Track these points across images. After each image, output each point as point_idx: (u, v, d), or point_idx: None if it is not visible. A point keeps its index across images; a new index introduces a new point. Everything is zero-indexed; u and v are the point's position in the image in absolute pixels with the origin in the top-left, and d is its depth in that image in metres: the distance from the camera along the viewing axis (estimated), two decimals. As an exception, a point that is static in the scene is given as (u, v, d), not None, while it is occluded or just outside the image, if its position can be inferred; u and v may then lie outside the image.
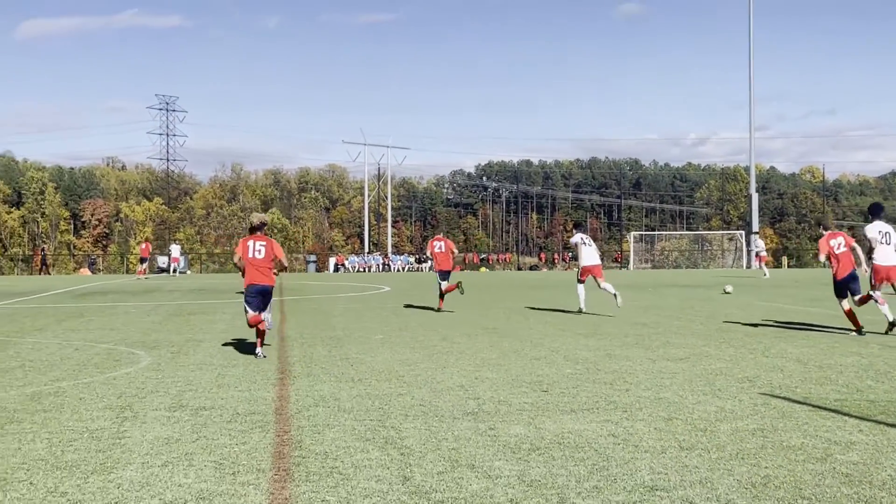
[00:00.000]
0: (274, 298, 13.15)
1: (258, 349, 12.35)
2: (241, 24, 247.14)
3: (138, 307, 22.79)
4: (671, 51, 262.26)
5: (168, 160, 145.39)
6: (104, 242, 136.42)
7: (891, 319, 14.45)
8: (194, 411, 8.15)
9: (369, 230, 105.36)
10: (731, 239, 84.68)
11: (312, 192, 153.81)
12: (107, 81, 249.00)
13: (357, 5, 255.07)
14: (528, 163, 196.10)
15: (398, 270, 74.42)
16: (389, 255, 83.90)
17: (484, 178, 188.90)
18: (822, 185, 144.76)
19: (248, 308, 12.61)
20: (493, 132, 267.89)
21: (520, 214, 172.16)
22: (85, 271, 74.21)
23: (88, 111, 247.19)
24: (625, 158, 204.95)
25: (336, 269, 73.75)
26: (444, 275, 21.34)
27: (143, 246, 53.48)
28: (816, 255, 16.66)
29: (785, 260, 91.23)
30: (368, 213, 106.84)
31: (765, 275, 45.50)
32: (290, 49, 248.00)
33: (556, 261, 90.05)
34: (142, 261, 51.24)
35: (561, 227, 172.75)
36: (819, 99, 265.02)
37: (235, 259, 13.01)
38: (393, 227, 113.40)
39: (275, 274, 13.00)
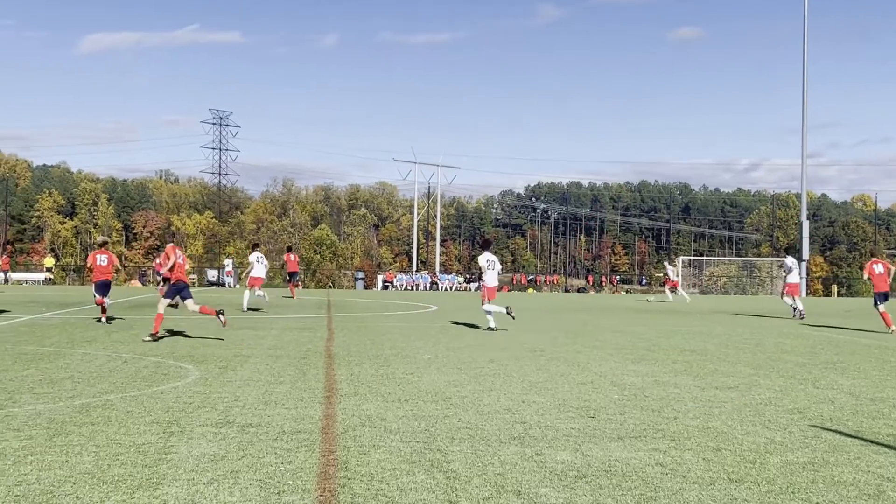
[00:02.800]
0: (317, 315, 13.28)
1: (102, 319, 20.41)
2: (298, 42, 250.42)
3: (187, 320, 22.94)
4: (725, 75, 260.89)
5: (220, 174, 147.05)
6: (155, 254, 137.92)
7: None
8: (241, 428, 8.15)
9: (418, 248, 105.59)
10: (780, 266, 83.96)
11: (362, 210, 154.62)
12: (163, 95, 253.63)
13: (415, 26, 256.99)
14: (578, 185, 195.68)
15: (446, 289, 74.41)
16: (437, 273, 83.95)
17: (533, 199, 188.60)
18: (874, 214, 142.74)
19: (97, 294, 21.34)
20: (543, 153, 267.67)
21: (568, 236, 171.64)
22: (135, 283, 75.06)
23: (144, 124, 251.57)
24: (675, 182, 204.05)
25: (384, 287, 73.94)
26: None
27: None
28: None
29: (835, 288, 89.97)
30: (417, 231, 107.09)
31: (668, 299, 45.27)
32: (345, 67, 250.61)
33: (603, 283, 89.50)
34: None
35: (609, 249, 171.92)
36: (873, 127, 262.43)
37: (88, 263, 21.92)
38: (441, 245, 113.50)
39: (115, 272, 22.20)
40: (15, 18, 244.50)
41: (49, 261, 79.00)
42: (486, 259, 21.38)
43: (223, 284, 66.78)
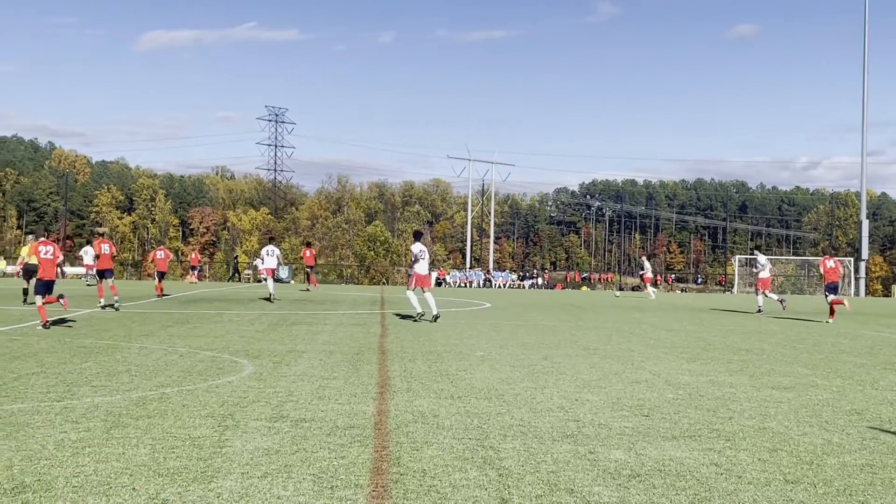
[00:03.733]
0: (371, 311, 13.36)
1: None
2: (355, 39, 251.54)
3: (242, 315, 23.16)
4: (784, 72, 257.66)
5: (275, 171, 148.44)
6: (211, 250, 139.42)
7: None
8: (294, 423, 8.20)
9: (471, 245, 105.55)
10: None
11: (416, 206, 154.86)
12: (220, 92, 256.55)
13: (472, 22, 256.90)
14: (633, 182, 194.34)
15: (499, 287, 74.33)
16: (491, 270, 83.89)
17: (588, 197, 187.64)
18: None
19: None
20: (598, 151, 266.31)
21: (622, 234, 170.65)
22: (191, 277, 75.80)
23: (200, 121, 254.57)
24: (731, 180, 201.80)
25: (438, 284, 74.04)
26: None
27: (194, 255, 54.53)
28: None
29: (895, 288, 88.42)
30: (471, 228, 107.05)
31: (651, 296, 45.44)
32: (401, 64, 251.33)
33: (658, 282, 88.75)
34: (192, 269, 52.19)
35: (664, 248, 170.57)
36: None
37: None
38: (495, 243, 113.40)
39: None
40: (76, 16, 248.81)
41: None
42: (418, 248, 22.97)
43: (280, 280, 67.25)
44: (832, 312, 26.50)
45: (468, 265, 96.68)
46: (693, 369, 13.25)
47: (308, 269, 42.74)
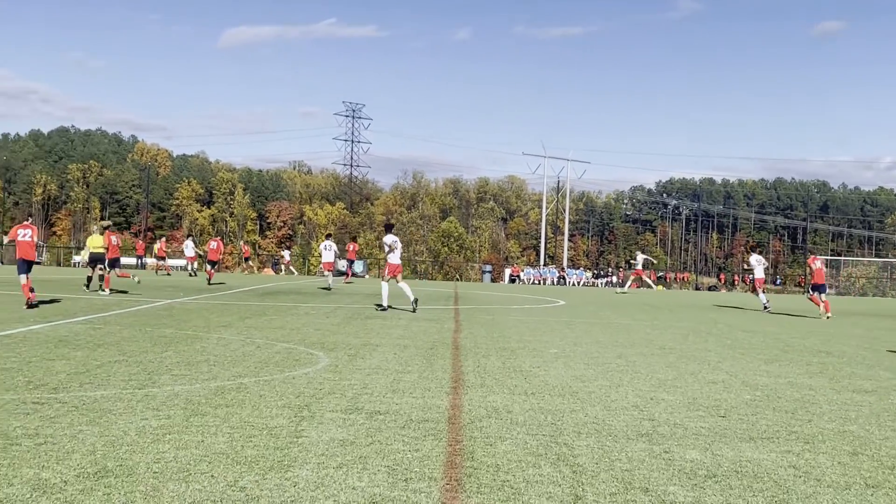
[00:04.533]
0: (445, 306, 13.41)
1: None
2: (433, 35, 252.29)
3: (317, 308, 23.39)
4: (869, 70, 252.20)
5: (352, 166, 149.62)
6: (287, 243, 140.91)
7: None
8: (369, 415, 8.26)
9: (546, 243, 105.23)
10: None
11: (490, 203, 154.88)
12: (299, 88, 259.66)
13: (550, 19, 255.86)
14: (711, 181, 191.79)
15: (573, 284, 73.99)
16: (565, 268, 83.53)
17: (664, 195, 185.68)
18: None
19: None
20: (675, 149, 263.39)
21: (699, 233, 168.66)
22: (268, 271, 76.74)
23: (280, 116, 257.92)
24: (812, 180, 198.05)
25: (511, 281, 73.98)
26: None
27: (245, 248, 54.37)
28: None
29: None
30: (546, 225, 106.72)
31: (650, 287, 48.29)
32: (478, 60, 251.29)
33: (735, 282, 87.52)
34: (245, 260, 52.19)
35: (742, 247, 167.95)
36: None
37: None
38: (570, 240, 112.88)
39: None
40: (161, 13, 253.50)
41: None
42: (391, 240, 24.00)
43: (355, 275, 67.72)
44: (819, 305, 28.33)
45: (542, 262, 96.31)
46: (771, 371, 13.05)
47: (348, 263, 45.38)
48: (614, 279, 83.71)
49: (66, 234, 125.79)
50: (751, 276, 37.94)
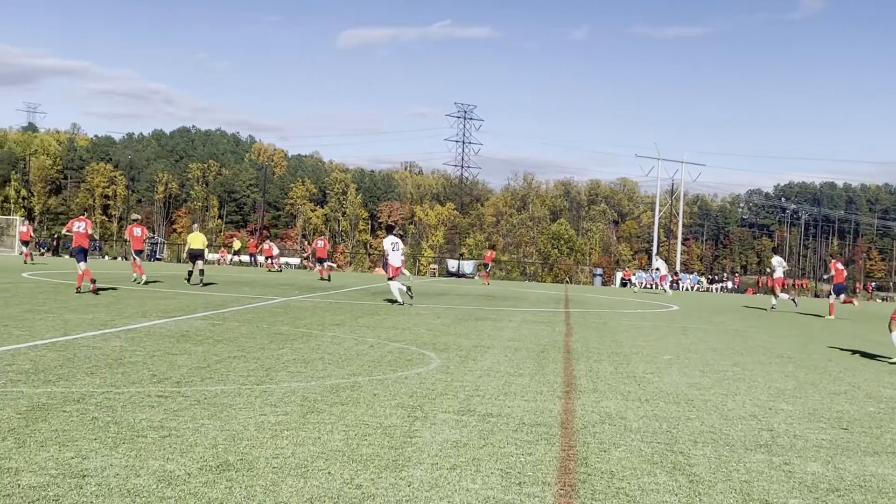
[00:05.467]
0: (555, 309, 13.34)
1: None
2: (548, 36, 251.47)
3: (429, 309, 23.54)
4: None
5: (462, 167, 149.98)
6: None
7: None
8: (482, 417, 8.28)
9: (658, 246, 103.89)
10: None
11: (601, 205, 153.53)
12: (413, 89, 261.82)
13: (668, 19, 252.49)
14: (832, 185, 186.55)
15: (687, 289, 72.87)
16: (679, 272, 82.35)
17: (782, 199, 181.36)
18: None
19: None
20: (794, 152, 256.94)
21: (819, 239, 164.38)
22: (379, 270, 77.44)
23: (393, 117, 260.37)
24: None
25: (622, 284, 73.26)
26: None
27: (322, 245, 50.63)
28: None
29: None
30: (658, 228, 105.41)
31: (665, 291, 47.56)
32: (592, 61, 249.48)
33: (857, 290, 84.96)
34: (319, 261, 49.51)
35: (864, 254, 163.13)
36: None
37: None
38: (683, 244, 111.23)
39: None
40: (280, 15, 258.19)
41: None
42: (390, 242, 25.20)
43: (464, 275, 68.21)
44: (835, 305, 31.38)
45: (654, 266, 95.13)
46: None
47: (318, 261, 44.71)
48: (729, 284, 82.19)
49: (185, 231, 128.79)
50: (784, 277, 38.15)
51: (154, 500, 5.18)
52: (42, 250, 73.48)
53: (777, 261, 35.12)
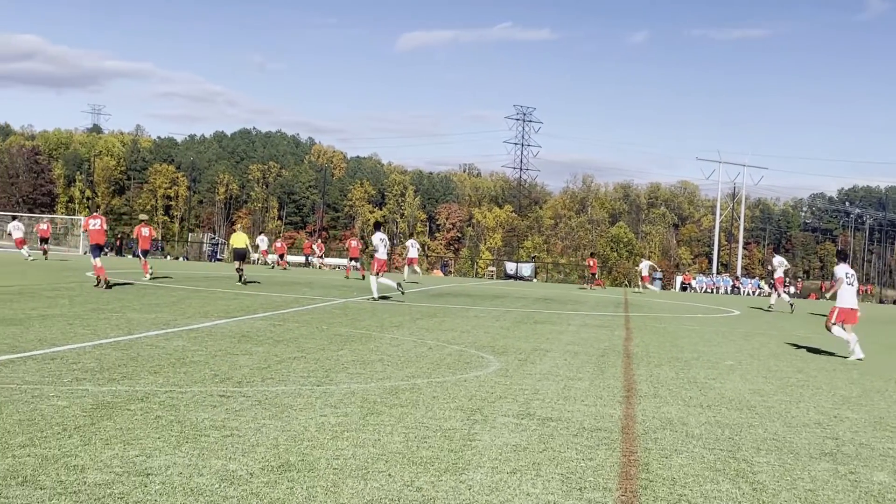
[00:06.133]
0: (615, 313, 13.22)
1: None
2: (607, 38, 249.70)
3: (487, 312, 23.50)
4: None
5: (521, 169, 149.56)
6: (456, 246, 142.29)
7: None
8: (541, 421, 8.25)
9: (719, 250, 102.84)
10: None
11: (661, 208, 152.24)
12: (472, 91, 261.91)
13: (730, 21, 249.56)
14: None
15: (748, 294, 71.98)
16: (739, 277, 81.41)
17: (847, 203, 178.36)
18: None
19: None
20: (859, 155, 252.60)
21: (884, 244, 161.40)
22: (437, 272, 77.66)
23: (451, 119, 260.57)
24: None
25: (682, 288, 72.57)
26: None
27: (354, 245, 47.22)
28: None
29: None
30: (719, 232, 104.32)
31: (644, 290, 48.74)
32: (652, 63, 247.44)
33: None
34: (351, 260, 46.69)
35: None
36: None
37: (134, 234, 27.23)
38: (744, 248, 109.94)
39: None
40: (337, 17, 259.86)
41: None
42: (379, 238, 25.77)
43: (522, 278, 68.11)
44: None
45: (715, 270, 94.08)
46: (964, 392, 12.37)
47: (352, 259, 45.14)
48: (791, 289, 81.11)
49: (245, 232, 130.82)
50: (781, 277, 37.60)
51: (217, 500, 5.22)
52: (105, 250, 74.62)
53: (778, 261, 36.39)
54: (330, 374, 10.38)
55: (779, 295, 35.02)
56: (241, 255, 31.85)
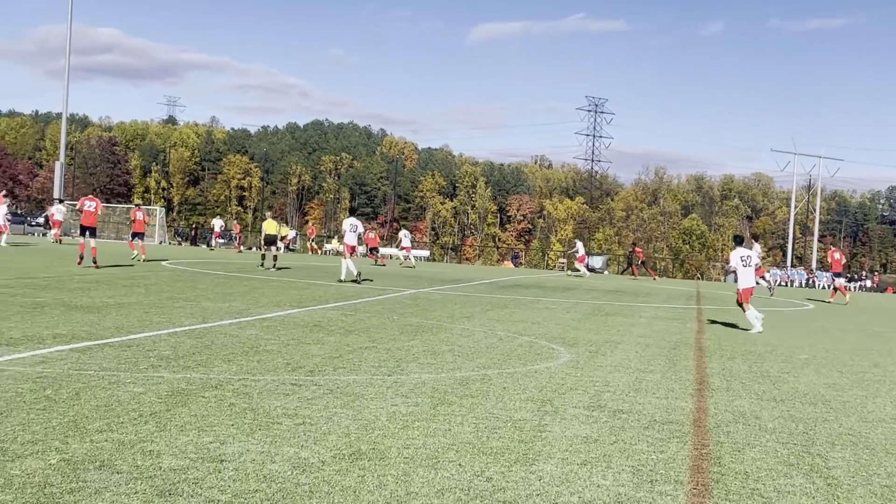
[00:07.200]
0: (686, 306, 13.09)
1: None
2: (682, 29, 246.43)
3: (557, 303, 23.45)
4: None
5: (593, 161, 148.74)
6: (527, 237, 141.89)
7: None
8: (612, 413, 8.21)
9: (793, 243, 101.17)
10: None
11: (735, 200, 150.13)
12: (544, 83, 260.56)
13: (809, 10, 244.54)
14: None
15: (823, 288, 70.71)
16: (814, 270, 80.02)
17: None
18: None
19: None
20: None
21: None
22: (508, 264, 77.65)
23: (523, 110, 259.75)
24: None
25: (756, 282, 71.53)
26: None
27: (373, 236, 50.21)
28: None
29: None
30: (794, 225, 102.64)
31: (578, 273, 48.34)
32: (727, 54, 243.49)
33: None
34: (371, 251, 47.70)
35: None
36: None
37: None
38: (819, 241, 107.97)
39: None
40: (412, 10, 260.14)
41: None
42: (349, 223, 27.28)
43: (594, 270, 67.78)
44: (835, 292, 36.03)
45: (789, 264, 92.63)
46: None
47: (370, 251, 48.94)
48: (868, 283, 79.49)
49: (317, 222, 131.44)
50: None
51: (289, 487, 5.29)
52: (179, 239, 75.87)
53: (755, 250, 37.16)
54: (401, 364, 10.45)
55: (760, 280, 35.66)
56: (270, 241, 33.60)
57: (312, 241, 71.01)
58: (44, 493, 4.88)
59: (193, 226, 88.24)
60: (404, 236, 50.31)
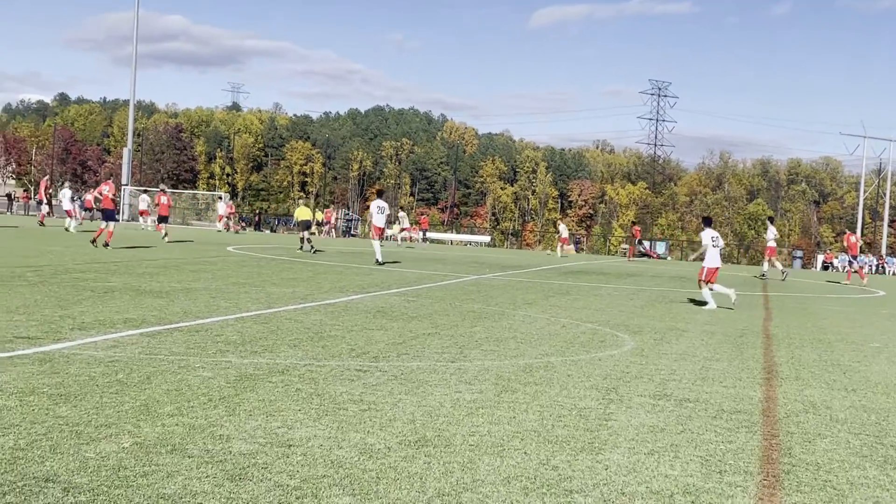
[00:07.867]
0: (752, 293, 12.88)
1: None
2: (749, 10, 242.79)
3: (620, 290, 23.27)
4: None
5: (655, 145, 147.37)
6: (588, 223, 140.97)
7: None
8: (678, 402, 8.12)
9: (863, 229, 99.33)
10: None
11: (802, 185, 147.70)
12: (607, 66, 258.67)
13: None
14: None
15: (893, 274, 69.39)
16: (884, 256, 78.52)
17: None
18: None
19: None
20: None
21: None
22: (570, 249, 77.05)
23: (585, 95, 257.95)
24: None
25: (824, 268, 70.46)
26: None
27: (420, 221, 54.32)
28: None
29: None
30: (863, 210, 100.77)
31: (561, 255, 48.34)
32: (795, 36, 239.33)
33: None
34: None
35: None
36: None
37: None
38: (890, 227, 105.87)
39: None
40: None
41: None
42: (376, 206, 27.74)
43: (658, 256, 67.15)
44: (849, 276, 39.52)
45: (858, 249, 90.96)
46: None
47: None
48: (939, 270, 77.75)
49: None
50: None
51: (356, 472, 5.31)
52: (243, 223, 76.57)
53: (771, 232, 36.79)
54: (464, 351, 10.44)
55: (772, 263, 36.17)
56: (306, 226, 35.71)
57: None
58: (118, 475, 4.95)
59: (258, 211, 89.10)
60: (402, 217, 54.78)
